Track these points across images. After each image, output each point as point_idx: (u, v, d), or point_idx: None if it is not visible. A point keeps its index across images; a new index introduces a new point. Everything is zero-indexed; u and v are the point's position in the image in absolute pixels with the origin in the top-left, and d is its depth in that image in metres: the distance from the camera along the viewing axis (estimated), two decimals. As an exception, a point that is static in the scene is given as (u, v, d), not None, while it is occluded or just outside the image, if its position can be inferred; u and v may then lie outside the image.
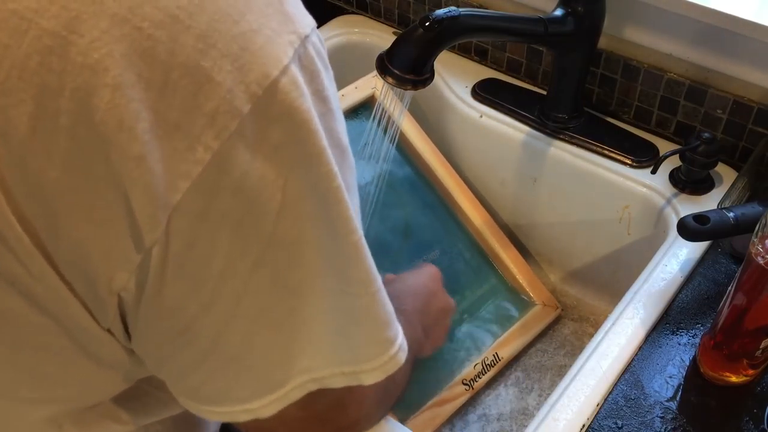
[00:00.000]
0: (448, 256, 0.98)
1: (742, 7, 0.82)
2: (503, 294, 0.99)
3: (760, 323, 0.65)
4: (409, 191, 0.98)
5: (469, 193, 1.00)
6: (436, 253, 0.98)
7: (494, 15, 0.87)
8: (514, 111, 1.00)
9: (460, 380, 0.90)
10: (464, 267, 0.98)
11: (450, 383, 0.90)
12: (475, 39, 1.06)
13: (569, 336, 1.00)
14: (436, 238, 0.98)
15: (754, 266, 0.62)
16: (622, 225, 0.95)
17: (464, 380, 0.90)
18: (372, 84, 0.97)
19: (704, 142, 0.84)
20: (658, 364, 0.72)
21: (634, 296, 0.77)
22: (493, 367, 0.93)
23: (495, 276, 1.00)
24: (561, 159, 0.96)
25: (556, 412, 0.68)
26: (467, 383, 0.90)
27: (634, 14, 0.90)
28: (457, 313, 0.95)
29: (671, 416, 0.68)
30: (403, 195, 0.97)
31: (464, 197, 0.99)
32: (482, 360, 0.92)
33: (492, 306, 0.98)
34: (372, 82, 0.97)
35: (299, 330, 0.41)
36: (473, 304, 0.97)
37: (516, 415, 0.92)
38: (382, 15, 1.16)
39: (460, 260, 0.99)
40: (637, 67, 0.93)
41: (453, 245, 0.99)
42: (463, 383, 0.90)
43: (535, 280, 1.00)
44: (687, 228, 0.75)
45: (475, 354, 0.94)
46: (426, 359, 0.89)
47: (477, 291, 0.98)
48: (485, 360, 0.93)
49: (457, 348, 0.94)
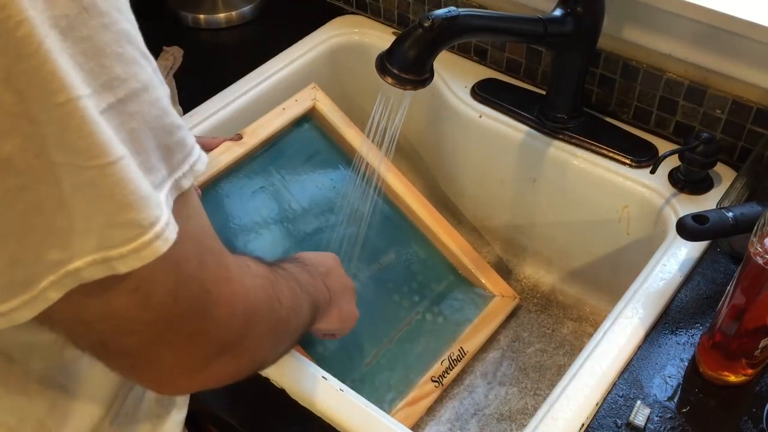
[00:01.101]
0: (404, 258, 0.99)
1: (742, 7, 0.82)
2: (461, 289, 1.01)
3: (758, 323, 0.65)
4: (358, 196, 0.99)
5: (416, 192, 1.01)
6: (391, 256, 0.99)
7: (494, 15, 0.87)
8: (513, 111, 1.00)
9: (428, 378, 0.91)
10: (421, 267, 1.00)
11: (419, 382, 0.91)
12: (475, 39, 1.06)
13: (568, 336, 1.00)
14: (390, 241, 0.99)
15: (752, 266, 0.62)
16: (622, 225, 0.95)
17: (433, 377, 0.92)
18: (312, 96, 0.99)
19: (703, 142, 0.85)
20: (657, 363, 0.72)
21: (634, 296, 0.77)
22: (459, 362, 0.94)
23: (452, 272, 1.01)
24: (560, 159, 0.96)
25: (556, 411, 0.68)
26: (436, 380, 0.92)
27: (634, 14, 0.90)
28: (419, 312, 0.97)
29: (670, 416, 0.68)
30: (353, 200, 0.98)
31: (413, 197, 1.00)
32: (448, 356, 0.94)
33: (451, 301, 0.99)
34: (312, 94, 0.99)
35: (29, 216, 0.37)
36: (433, 302, 0.99)
37: (515, 414, 0.92)
38: (381, 15, 1.16)
39: (416, 260, 1.00)
40: (637, 67, 0.93)
41: (407, 246, 1.00)
42: (432, 380, 0.91)
43: (491, 272, 1.02)
44: (686, 228, 0.75)
45: (440, 350, 0.95)
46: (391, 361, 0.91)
47: (436, 288, 1.00)
48: (451, 355, 0.94)
49: (421, 346, 0.95)
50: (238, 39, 1.16)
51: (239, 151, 0.90)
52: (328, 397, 0.69)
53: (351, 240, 0.97)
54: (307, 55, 1.09)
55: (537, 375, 0.96)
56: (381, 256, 0.98)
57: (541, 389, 0.94)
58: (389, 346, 0.92)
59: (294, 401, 0.70)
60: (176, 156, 0.42)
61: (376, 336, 0.93)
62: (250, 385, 0.71)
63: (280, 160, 0.95)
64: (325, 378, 0.71)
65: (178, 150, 0.42)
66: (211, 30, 1.17)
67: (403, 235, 1.01)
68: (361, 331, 0.91)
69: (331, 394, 0.69)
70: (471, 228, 1.14)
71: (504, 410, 0.92)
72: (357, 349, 0.91)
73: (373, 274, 0.97)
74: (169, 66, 1.08)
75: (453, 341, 0.96)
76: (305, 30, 1.13)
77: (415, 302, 0.97)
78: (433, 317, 0.97)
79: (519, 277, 1.09)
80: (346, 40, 1.14)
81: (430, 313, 0.98)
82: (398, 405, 0.88)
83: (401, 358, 0.92)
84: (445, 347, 0.95)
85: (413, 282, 0.99)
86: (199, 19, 1.16)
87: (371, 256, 0.97)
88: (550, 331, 1.01)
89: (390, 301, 0.96)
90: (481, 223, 1.13)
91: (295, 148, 0.97)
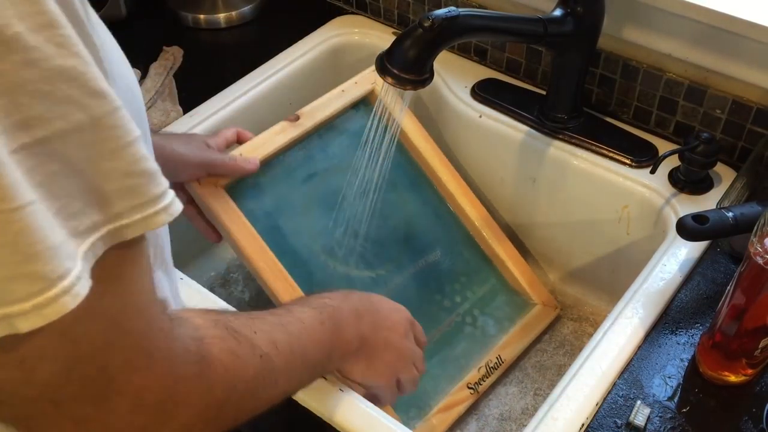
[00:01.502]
0: (449, 257, 0.98)
1: (742, 7, 0.82)
2: (503, 295, 0.99)
3: (758, 323, 0.65)
4: (409, 190, 0.98)
5: (469, 192, 1.00)
6: (437, 254, 0.97)
7: (494, 15, 0.87)
8: (513, 111, 1.00)
9: (464, 384, 0.90)
10: (465, 267, 0.98)
11: (455, 388, 0.90)
12: (475, 39, 1.06)
13: (568, 335, 1.00)
14: (437, 239, 0.98)
15: (752, 266, 0.62)
16: (622, 225, 0.95)
17: (469, 384, 0.90)
18: (372, 79, 0.97)
19: (703, 142, 0.85)
20: (657, 363, 0.72)
21: (634, 296, 0.77)
22: (496, 370, 0.92)
23: (495, 276, 1.00)
24: (560, 159, 0.96)
25: (556, 411, 0.68)
26: (472, 387, 0.90)
27: (634, 14, 0.90)
28: (459, 315, 0.95)
29: (670, 416, 0.68)
30: (404, 194, 0.97)
31: (464, 197, 0.99)
32: (485, 363, 0.92)
33: (493, 307, 0.98)
34: (372, 78, 0.97)
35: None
36: (474, 306, 0.97)
37: (516, 414, 0.92)
38: (381, 15, 1.16)
39: (461, 261, 0.98)
40: (637, 67, 0.93)
41: (453, 246, 0.99)
42: (468, 387, 0.90)
43: (535, 280, 1.00)
44: (686, 228, 0.75)
45: (478, 356, 0.93)
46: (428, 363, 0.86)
47: (478, 292, 0.98)
48: (488, 363, 0.92)
49: (460, 350, 0.93)
50: (238, 39, 1.16)
51: (295, 132, 0.89)
52: (327, 398, 0.69)
53: (400, 231, 0.95)
54: (307, 55, 1.09)
55: (537, 375, 0.96)
56: (427, 253, 0.97)
57: (541, 389, 0.94)
58: (427, 347, 0.91)
59: (294, 401, 0.70)
60: (121, 203, 0.38)
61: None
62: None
63: (335, 143, 0.94)
64: (325, 378, 0.71)
65: (125, 196, 0.39)
66: (211, 30, 1.17)
67: (451, 234, 0.99)
68: None
69: (331, 394, 0.69)
70: (471, 228, 1.14)
71: (504, 410, 0.92)
72: None
73: (417, 271, 0.95)
74: (169, 66, 1.08)
75: (491, 348, 0.94)
76: (305, 30, 1.13)
77: (457, 303, 0.96)
78: (473, 320, 0.96)
79: (519, 277, 1.09)
80: (346, 40, 1.14)
81: (470, 317, 0.96)
82: (433, 410, 0.87)
83: (439, 361, 0.91)
84: (483, 353, 0.93)
85: (456, 283, 0.97)
86: (199, 19, 1.16)
87: (417, 253, 0.96)
88: (550, 331, 1.01)
89: (432, 300, 0.95)
90: (481, 223, 1.13)
91: (352, 131, 0.95)
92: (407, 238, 0.96)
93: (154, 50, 1.10)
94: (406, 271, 0.94)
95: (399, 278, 0.93)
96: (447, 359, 0.92)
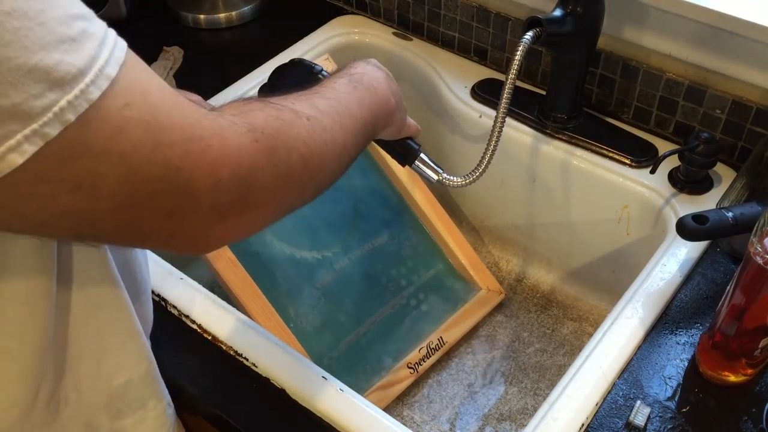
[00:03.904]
0: (397, 241, 1.00)
1: (742, 8, 0.82)
2: (449, 279, 1.02)
3: (758, 323, 0.65)
4: (359, 177, 1.00)
5: (418, 179, 1.01)
6: (384, 237, 1.00)
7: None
8: (513, 111, 1.00)
9: (405, 364, 0.93)
10: (411, 252, 1.01)
11: (395, 367, 0.92)
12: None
13: (568, 335, 1.00)
14: (385, 224, 1.01)
15: (752, 266, 0.62)
16: (622, 225, 0.95)
17: (409, 364, 0.93)
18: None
19: (703, 142, 0.85)
20: (657, 363, 0.72)
21: (633, 296, 0.77)
22: (437, 351, 0.95)
23: (441, 261, 1.02)
24: (560, 159, 0.96)
25: (556, 411, 0.68)
26: (412, 367, 0.93)
27: (634, 14, 0.90)
28: (404, 297, 0.98)
29: (670, 416, 0.68)
30: (353, 180, 1.00)
31: (414, 185, 1.01)
32: (427, 344, 0.95)
33: (437, 290, 1.00)
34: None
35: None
36: (419, 289, 0.99)
37: (515, 414, 0.92)
38: (381, 15, 1.16)
39: (408, 245, 1.01)
40: (636, 67, 0.93)
41: (401, 231, 1.01)
42: (408, 367, 0.93)
43: (480, 265, 1.03)
44: (686, 228, 0.75)
45: (419, 338, 0.96)
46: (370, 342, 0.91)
47: (423, 276, 1.01)
48: (430, 344, 0.95)
49: (402, 331, 0.96)
50: (238, 39, 1.16)
51: None
52: (328, 397, 0.69)
53: (348, 215, 0.98)
54: (307, 55, 1.09)
55: (537, 375, 0.96)
56: (374, 237, 0.99)
57: (541, 389, 0.94)
58: (371, 327, 0.94)
59: (294, 401, 0.70)
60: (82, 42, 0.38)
61: (359, 316, 0.94)
62: (250, 385, 0.71)
63: None
64: (325, 378, 0.71)
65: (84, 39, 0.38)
66: (211, 30, 1.17)
67: (399, 220, 1.02)
68: (344, 309, 0.92)
69: (331, 394, 0.69)
70: (471, 228, 1.14)
71: (504, 410, 0.92)
72: (338, 327, 0.92)
73: (364, 254, 0.98)
74: (169, 66, 1.08)
75: (434, 330, 0.97)
76: (305, 30, 1.13)
77: (402, 286, 0.98)
78: (417, 303, 0.99)
79: (519, 277, 1.09)
80: (346, 40, 1.14)
81: (415, 299, 0.99)
82: (372, 387, 0.89)
83: (381, 341, 0.93)
84: (425, 335, 0.96)
85: (402, 266, 1.00)
86: (199, 19, 1.16)
87: (364, 236, 0.98)
88: (550, 331, 1.01)
89: (377, 282, 0.97)
90: (481, 223, 1.13)
91: None
92: (355, 222, 0.98)
93: (154, 50, 1.10)
94: (352, 253, 0.96)
95: (345, 260, 0.96)
96: (390, 340, 0.94)
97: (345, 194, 0.98)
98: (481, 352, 0.98)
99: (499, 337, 1.00)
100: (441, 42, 1.11)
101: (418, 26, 1.13)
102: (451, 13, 1.07)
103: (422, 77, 1.09)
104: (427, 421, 0.91)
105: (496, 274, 1.09)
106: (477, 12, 1.04)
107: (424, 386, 0.95)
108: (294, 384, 0.70)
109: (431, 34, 1.12)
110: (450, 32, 1.09)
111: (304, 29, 1.13)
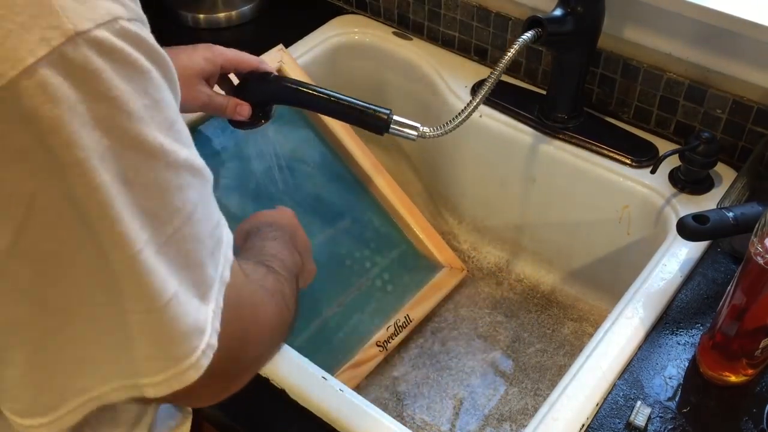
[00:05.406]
0: (359, 224, 1.02)
1: (742, 7, 0.82)
2: (412, 259, 1.04)
3: (759, 323, 0.65)
4: (320, 164, 1.02)
5: (378, 164, 1.03)
6: (347, 222, 1.02)
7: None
8: (513, 111, 1.00)
9: (374, 342, 0.94)
10: (374, 234, 1.03)
11: (364, 345, 0.93)
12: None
13: (568, 336, 1.00)
14: (347, 208, 1.02)
15: (753, 266, 0.62)
16: (622, 225, 0.95)
17: (378, 342, 0.94)
18: (278, 57, 0.99)
19: (704, 142, 0.84)
20: (657, 363, 0.72)
21: (634, 296, 0.77)
22: (404, 329, 0.97)
23: (404, 242, 1.04)
24: (560, 159, 0.96)
25: (556, 411, 0.68)
26: (381, 345, 0.94)
27: (634, 14, 0.90)
28: (369, 279, 1.00)
29: (671, 416, 0.68)
30: (315, 167, 1.01)
31: (374, 168, 1.03)
32: (394, 322, 0.97)
33: (401, 270, 1.02)
34: (278, 56, 0.99)
35: (63, 350, 0.39)
36: (383, 270, 1.01)
37: (516, 414, 0.92)
38: (381, 15, 1.16)
39: (371, 228, 1.03)
40: (637, 66, 0.93)
41: (363, 213, 1.03)
42: (377, 345, 0.94)
43: (442, 244, 1.05)
44: (686, 228, 0.75)
45: (386, 317, 0.97)
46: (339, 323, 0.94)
47: (387, 256, 1.02)
48: (397, 322, 0.97)
49: (369, 311, 0.97)
50: (238, 39, 1.16)
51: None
52: (328, 397, 0.69)
53: (309, 203, 0.99)
54: (307, 54, 1.09)
55: (537, 375, 0.96)
56: (337, 221, 1.01)
57: (541, 389, 0.94)
58: (338, 309, 0.95)
59: (294, 401, 0.70)
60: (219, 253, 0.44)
61: (326, 299, 0.95)
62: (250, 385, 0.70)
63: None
64: (325, 378, 0.71)
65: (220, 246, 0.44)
66: (211, 30, 1.17)
67: (361, 203, 1.03)
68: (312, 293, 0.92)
69: (331, 394, 0.69)
70: (471, 228, 1.14)
71: (504, 410, 0.92)
72: (306, 310, 0.92)
73: (327, 238, 0.99)
74: (169, 66, 1.08)
75: (400, 308, 0.99)
76: (305, 30, 1.13)
77: (367, 268, 1.00)
78: (382, 284, 1.00)
79: (519, 276, 1.09)
80: (346, 40, 1.14)
81: (380, 280, 1.01)
82: (343, 367, 0.90)
83: (349, 321, 0.95)
84: (391, 314, 0.98)
85: (366, 249, 1.01)
86: (199, 19, 1.16)
87: (327, 221, 1.00)
88: (550, 331, 1.01)
89: (342, 265, 0.99)
90: (481, 223, 1.13)
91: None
92: (317, 207, 1.00)
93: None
94: (315, 238, 0.97)
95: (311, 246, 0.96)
96: (358, 320, 0.96)
97: (306, 181, 1.00)
98: (481, 352, 0.98)
99: (499, 337, 1.00)
100: (441, 41, 1.11)
101: (418, 26, 1.12)
102: (451, 13, 1.07)
103: (422, 77, 1.09)
104: (427, 422, 0.91)
105: (496, 274, 1.09)
106: (477, 11, 1.04)
107: (424, 386, 0.95)
108: (294, 384, 0.70)
109: (431, 34, 1.12)
110: (450, 32, 1.09)
111: (304, 29, 1.13)
